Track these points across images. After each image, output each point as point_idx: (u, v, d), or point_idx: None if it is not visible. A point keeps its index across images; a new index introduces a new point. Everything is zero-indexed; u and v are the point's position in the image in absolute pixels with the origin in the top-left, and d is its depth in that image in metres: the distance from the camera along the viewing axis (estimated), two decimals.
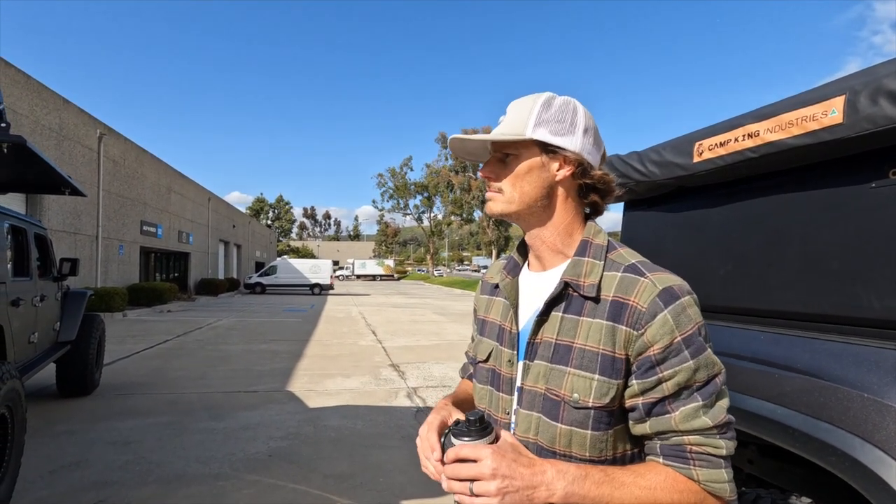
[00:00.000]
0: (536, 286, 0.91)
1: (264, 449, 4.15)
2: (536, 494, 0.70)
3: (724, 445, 0.76)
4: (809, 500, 1.38)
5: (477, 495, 0.70)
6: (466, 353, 1.16)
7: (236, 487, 3.41)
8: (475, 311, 1.10)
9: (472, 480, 0.70)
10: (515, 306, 0.91)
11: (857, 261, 1.37)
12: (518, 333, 0.89)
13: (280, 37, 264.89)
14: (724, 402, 0.78)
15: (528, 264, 0.97)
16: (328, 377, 6.99)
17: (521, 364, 0.87)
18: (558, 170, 0.86)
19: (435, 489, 3.38)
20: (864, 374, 1.23)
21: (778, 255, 1.61)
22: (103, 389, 5.97)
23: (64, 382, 5.53)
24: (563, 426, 0.79)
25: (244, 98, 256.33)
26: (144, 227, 19.54)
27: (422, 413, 5.31)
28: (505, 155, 0.88)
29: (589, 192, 0.89)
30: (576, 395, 0.79)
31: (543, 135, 0.85)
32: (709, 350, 0.77)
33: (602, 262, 0.84)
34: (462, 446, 0.73)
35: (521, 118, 0.87)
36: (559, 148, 0.85)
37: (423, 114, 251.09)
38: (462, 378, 1.17)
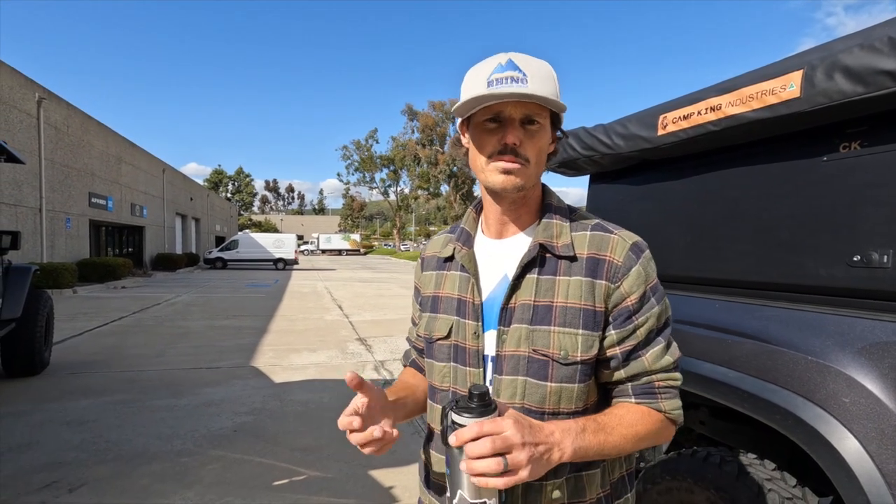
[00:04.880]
0: (498, 252, 0.91)
1: (229, 424, 4.10)
2: (553, 456, 0.72)
3: (680, 377, 0.87)
4: (755, 456, 1.47)
5: (511, 468, 0.66)
6: (409, 339, 1.13)
7: (201, 463, 3.36)
8: (418, 290, 1.05)
9: (503, 454, 0.66)
10: (477, 276, 0.89)
11: (806, 231, 1.44)
12: (482, 304, 0.88)
13: (237, 5, 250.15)
14: (674, 340, 0.88)
15: (483, 231, 0.95)
16: (294, 352, 6.92)
17: (491, 333, 0.86)
18: (551, 143, 0.88)
19: (402, 459, 3.44)
20: (808, 337, 1.30)
21: (734, 227, 1.67)
22: (54, 368, 5.71)
23: (10, 362, 5.25)
24: (553, 384, 0.82)
25: (200, 66, 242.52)
26: (93, 199, 18.45)
27: (389, 385, 5.34)
28: (530, 121, 0.81)
29: None
30: (563, 352, 0.81)
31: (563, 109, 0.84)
32: (665, 295, 0.87)
33: (568, 224, 0.87)
34: (482, 423, 0.68)
35: (550, 86, 0.80)
36: (560, 123, 0.88)
37: (387, 85, 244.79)
38: (405, 366, 1.13)
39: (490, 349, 0.86)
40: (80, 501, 2.85)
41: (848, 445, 1.12)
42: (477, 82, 0.81)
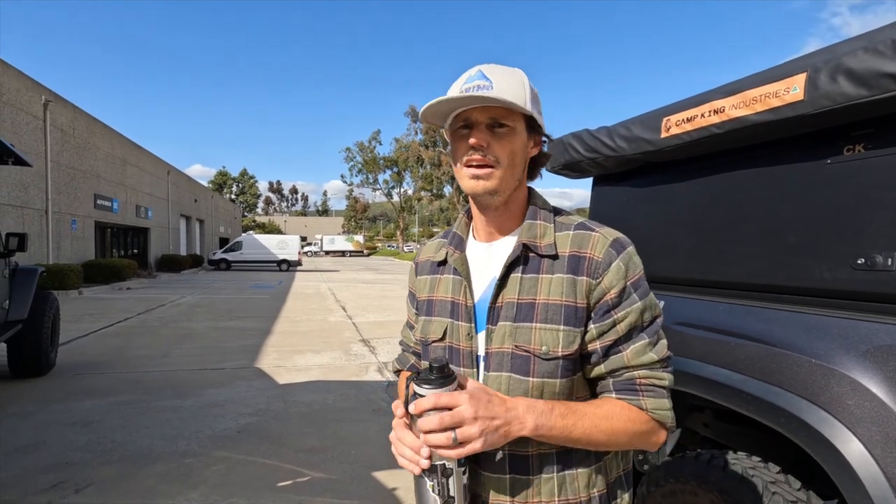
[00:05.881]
0: (488, 255, 0.93)
1: (233, 425, 4.11)
2: (511, 429, 0.75)
3: (667, 377, 0.85)
4: (759, 459, 1.47)
5: (461, 441, 0.71)
6: (403, 343, 1.13)
7: (205, 464, 3.38)
8: (412, 294, 1.07)
9: (453, 428, 0.71)
10: (469, 279, 0.92)
11: (810, 234, 1.44)
12: (474, 305, 0.90)
13: (238, 5, 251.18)
14: (664, 340, 0.88)
15: (473, 236, 0.98)
16: (298, 353, 6.94)
17: (481, 334, 0.88)
18: (533, 147, 0.90)
19: None
20: (812, 340, 1.30)
21: (738, 229, 1.67)
22: (59, 369, 5.74)
23: (16, 363, 5.29)
24: (535, 379, 0.84)
25: (202, 67, 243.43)
26: (99, 201, 18.57)
27: (392, 387, 5.35)
28: (498, 125, 0.84)
29: (533, 164, 0.94)
30: (545, 348, 0.83)
31: (535, 112, 0.86)
32: (651, 293, 0.87)
33: (552, 224, 0.90)
34: (439, 395, 0.72)
35: (517, 90, 0.83)
36: (539, 127, 0.89)
37: (390, 86, 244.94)
38: (401, 370, 1.13)
39: (482, 349, 0.89)
40: (86, 502, 2.87)
41: (852, 448, 1.12)
42: (451, 94, 0.86)
